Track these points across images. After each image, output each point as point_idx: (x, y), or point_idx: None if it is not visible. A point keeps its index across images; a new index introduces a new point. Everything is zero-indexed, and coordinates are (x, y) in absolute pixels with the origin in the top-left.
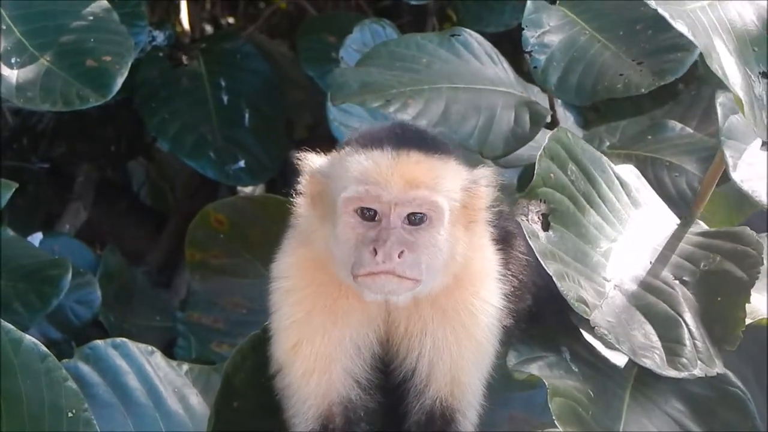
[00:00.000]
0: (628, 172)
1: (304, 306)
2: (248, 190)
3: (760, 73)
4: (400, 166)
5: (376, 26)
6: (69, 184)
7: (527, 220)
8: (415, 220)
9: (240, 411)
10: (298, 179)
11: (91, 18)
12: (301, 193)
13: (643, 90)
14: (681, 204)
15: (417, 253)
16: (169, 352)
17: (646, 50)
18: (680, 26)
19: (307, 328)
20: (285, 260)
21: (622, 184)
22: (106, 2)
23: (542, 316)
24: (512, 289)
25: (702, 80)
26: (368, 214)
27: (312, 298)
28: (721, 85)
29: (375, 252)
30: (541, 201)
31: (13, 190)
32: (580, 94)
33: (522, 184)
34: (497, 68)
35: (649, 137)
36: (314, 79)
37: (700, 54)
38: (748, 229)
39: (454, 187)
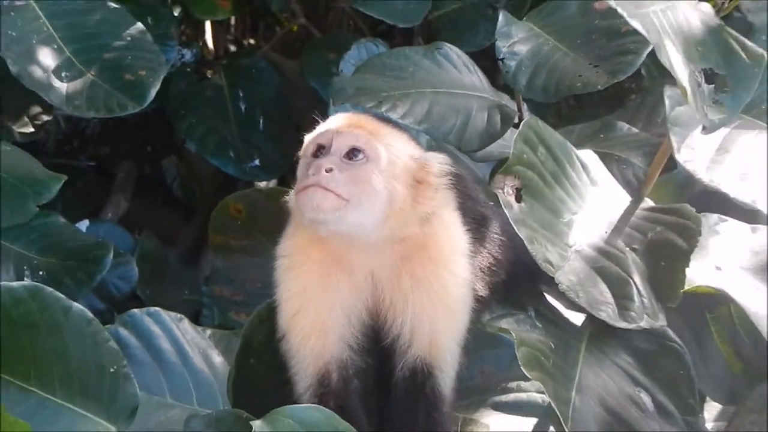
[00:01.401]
0: (588, 155)
1: (301, 280)
2: (262, 184)
3: (702, 69)
4: (352, 116)
5: (370, 44)
6: (111, 179)
7: (503, 192)
8: (353, 155)
9: (256, 367)
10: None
11: (129, 39)
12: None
13: (599, 87)
14: (628, 191)
15: (347, 177)
16: (196, 320)
17: (601, 55)
18: (636, 24)
19: (303, 299)
20: (286, 241)
21: (583, 165)
22: (141, 25)
23: (514, 287)
24: (488, 265)
25: (647, 90)
26: (319, 154)
27: (308, 273)
28: (663, 94)
29: (308, 174)
30: (515, 177)
31: (63, 181)
32: (546, 93)
33: (494, 174)
34: (473, 77)
35: (601, 136)
36: (317, 90)
37: (646, 66)
38: (688, 205)
39: (400, 148)
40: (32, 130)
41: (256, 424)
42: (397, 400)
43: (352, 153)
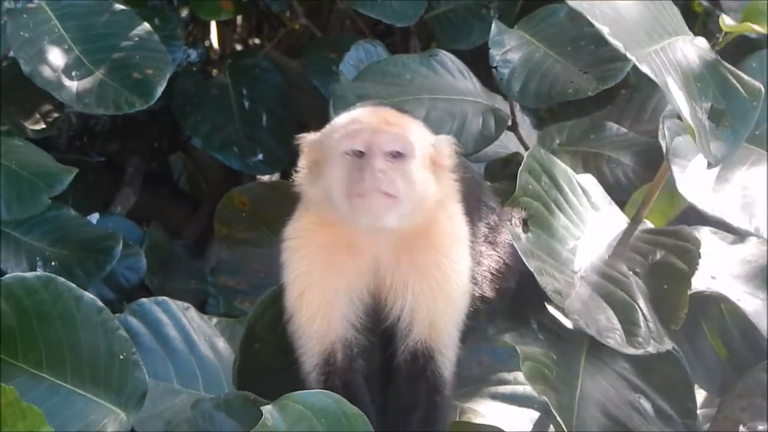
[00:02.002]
0: (588, 180)
1: (306, 261)
2: (266, 178)
3: (702, 105)
4: (380, 115)
5: (369, 46)
6: (121, 174)
7: (511, 224)
8: (394, 154)
9: (260, 352)
10: (299, 159)
11: (137, 39)
12: (301, 168)
13: (590, 93)
14: (618, 189)
15: (395, 178)
16: (202, 308)
17: (590, 61)
18: (645, 68)
19: (309, 280)
20: (293, 224)
21: (584, 191)
22: (148, 26)
23: (522, 296)
24: (498, 268)
25: (634, 87)
26: (356, 153)
27: (313, 255)
28: (650, 91)
29: (363, 176)
30: (521, 208)
31: (74, 174)
32: (538, 99)
33: (488, 174)
34: (467, 82)
35: (592, 136)
36: (319, 88)
37: (633, 65)
38: (686, 227)
39: (422, 138)
40: (44, 126)
41: (267, 409)
42: (399, 383)
43: (394, 152)
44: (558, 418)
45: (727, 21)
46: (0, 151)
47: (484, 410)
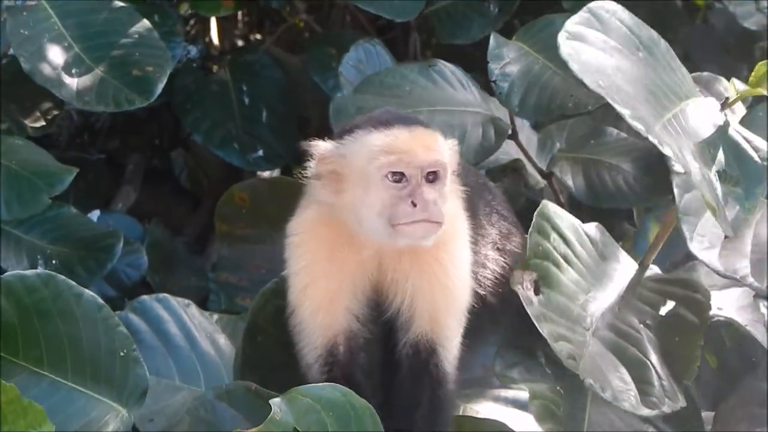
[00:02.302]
0: (594, 228)
1: (309, 255)
2: (266, 174)
3: (716, 172)
4: (417, 137)
5: (368, 46)
6: (121, 171)
7: (523, 288)
8: (432, 178)
9: (262, 344)
10: (308, 162)
11: (137, 36)
12: (312, 173)
13: (590, 107)
14: (619, 197)
15: (440, 203)
16: (203, 305)
17: None
18: (667, 151)
19: (312, 273)
20: (296, 219)
21: (591, 241)
22: (148, 23)
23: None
24: (505, 276)
25: None
26: (396, 178)
27: (315, 249)
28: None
29: (413, 205)
30: (532, 271)
31: (75, 173)
32: (537, 113)
33: (489, 175)
34: (466, 92)
35: (592, 141)
36: (319, 83)
37: None
38: (695, 276)
39: (447, 152)
40: (44, 124)
41: (275, 402)
42: (402, 378)
43: (432, 175)
44: None
45: (737, 85)
46: (0, 150)
47: (486, 412)
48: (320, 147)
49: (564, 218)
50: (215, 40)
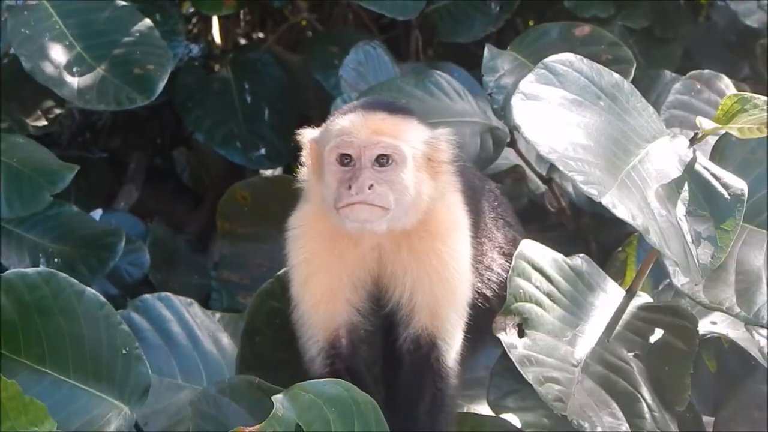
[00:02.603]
0: (579, 260)
1: (308, 249)
2: (268, 172)
3: (685, 213)
4: (367, 121)
5: (369, 48)
6: (123, 169)
7: (506, 334)
8: (383, 162)
9: (260, 345)
10: (302, 154)
11: (138, 35)
12: (304, 163)
13: None
14: None
15: (384, 188)
16: (205, 304)
17: None
18: (621, 213)
19: (312, 266)
20: (296, 214)
21: (576, 273)
22: (149, 22)
23: None
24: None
25: (636, 80)
26: (345, 161)
27: (315, 243)
28: (649, 86)
29: (350, 187)
30: (514, 315)
31: (75, 171)
32: None
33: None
34: (464, 102)
35: None
36: (320, 82)
37: (633, 55)
38: (683, 302)
39: (416, 139)
40: (45, 123)
41: (277, 398)
42: (404, 372)
43: (381, 159)
44: None
45: (704, 123)
46: (1, 148)
47: (488, 413)
48: (305, 134)
49: (545, 255)
50: (217, 39)
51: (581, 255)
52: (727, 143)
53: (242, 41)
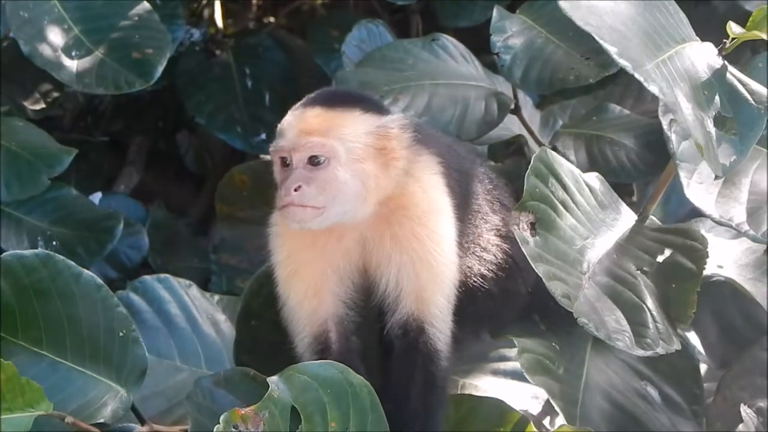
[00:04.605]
0: (594, 178)
1: (291, 244)
2: (269, 157)
3: (709, 114)
4: (299, 121)
5: (371, 26)
6: (124, 153)
7: (519, 229)
8: (315, 161)
9: (256, 328)
10: None
11: (137, 18)
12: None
13: (591, 80)
14: (622, 173)
15: (313, 188)
16: (205, 286)
17: (592, 48)
18: (653, 88)
19: (296, 262)
20: (276, 211)
21: (591, 189)
22: (148, 5)
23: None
24: (508, 264)
25: None
26: (286, 162)
27: (298, 238)
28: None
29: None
30: (529, 212)
31: (74, 155)
32: (540, 86)
33: (491, 154)
34: (469, 66)
35: (594, 118)
36: (321, 65)
37: None
38: (693, 224)
39: (354, 132)
40: (44, 106)
41: (272, 380)
42: (395, 358)
43: (313, 159)
44: (559, 410)
45: (734, 28)
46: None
47: (485, 386)
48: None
49: (563, 165)
50: (219, 23)
51: (597, 174)
52: (754, 67)
53: (252, 26)
